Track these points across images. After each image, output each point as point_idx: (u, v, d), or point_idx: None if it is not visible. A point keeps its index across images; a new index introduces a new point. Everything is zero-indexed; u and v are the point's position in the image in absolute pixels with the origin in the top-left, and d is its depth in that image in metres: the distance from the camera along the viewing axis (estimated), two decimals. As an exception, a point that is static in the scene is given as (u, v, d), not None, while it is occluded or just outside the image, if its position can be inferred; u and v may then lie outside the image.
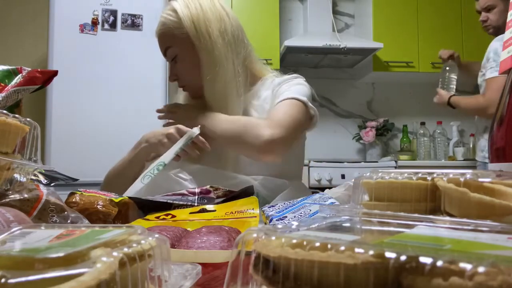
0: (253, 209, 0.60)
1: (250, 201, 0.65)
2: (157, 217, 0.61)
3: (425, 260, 0.18)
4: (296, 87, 1.02)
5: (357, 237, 0.26)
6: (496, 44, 1.90)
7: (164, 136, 0.94)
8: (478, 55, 2.23)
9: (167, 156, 0.88)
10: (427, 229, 0.26)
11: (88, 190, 0.66)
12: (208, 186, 0.74)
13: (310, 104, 0.99)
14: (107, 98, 2.34)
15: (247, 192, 0.72)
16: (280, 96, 0.99)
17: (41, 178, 0.66)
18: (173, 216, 0.61)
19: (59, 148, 2.30)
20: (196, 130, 0.91)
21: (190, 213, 0.63)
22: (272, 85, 1.05)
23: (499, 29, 1.95)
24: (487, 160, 2.02)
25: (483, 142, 2.09)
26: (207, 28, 0.97)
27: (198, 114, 0.99)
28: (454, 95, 2.15)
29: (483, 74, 1.98)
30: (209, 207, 0.65)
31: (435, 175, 0.34)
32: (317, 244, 0.21)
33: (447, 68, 2.24)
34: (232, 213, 0.60)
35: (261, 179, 0.93)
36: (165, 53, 1.03)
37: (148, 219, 0.61)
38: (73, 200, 0.62)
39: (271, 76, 1.09)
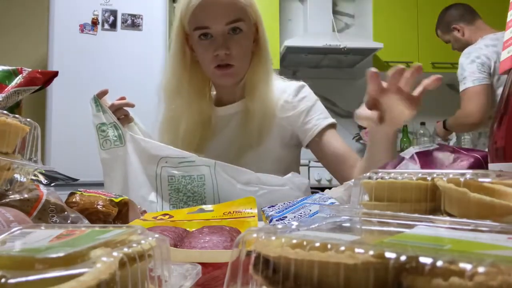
0: (251, 208, 0.60)
1: (248, 201, 0.65)
2: (155, 217, 0.61)
3: (425, 260, 0.18)
4: (317, 106, 1.07)
5: (357, 237, 0.26)
6: (461, 59, 2.07)
7: None
8: (478, 55, 2.25)
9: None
10: (427, 229, 0.26)
11: (88, 190, 0.66)
12: None
13: (334, 120, 1.07)
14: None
15: None
16: (312, 122, 1.04)
17: (41, 178, 0.66)
18: (171, 217, 0.61)
19: (59, 148, 2.30)
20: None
21: (188, 213, 0.63)
22: (280, 93, 1.07)
23: (463, 49, 2.20)
24: None
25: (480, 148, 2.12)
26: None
27: None
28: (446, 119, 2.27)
29: None
30: (206, 207, 0.65)
31: (435, 175, 0.34)
32: (317, 244, 0.21)
33: None
34: (230, 213, 0.60)
35: None
36: (229, 23, 0.95)
37: (145, 219, 0.61)
38: (73, 200, 0.62)
39: (275, 78, 1.11)
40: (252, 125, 1.01)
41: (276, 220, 0.59)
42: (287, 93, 1.07)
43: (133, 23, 2.44)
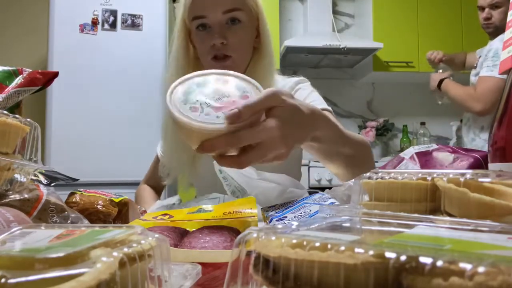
0: (251, 208, 0.60)
1: (248, 200, 0.65)
2: (154, 217, 0.61)
3: (425, 260, 0.18)
4: (312, 96, 1.04)
5: (357, 237, 0.26)
6: (499, 44, 1.85)
7: None
8: (478, 55, 2.23)
9: None
10: (427, 229, 0.26)
11: (88, 190, 0.66)
12: None
13: (329, 108, 1.01)
14: (107, 98, 2.34)
15: None
16: None
17: (41, 178, 0.66)
18: (171, 216, 0.61)
19: (59, 148, 2.30)
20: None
21: (188, 213, 0.63)
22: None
23: (500, 30, 1.95)
24: None
25: (481, 143, 2.07)
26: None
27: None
28: (447, 78, 2.11)
29: (477, 72, 1.95)
30: (206, 207, 0.65)
31: (435, 175, 0.34)
32: (317, 244, 0.21)
33: (440, 71, 2.27)
34: (230, 213, 0.60)
35: None
36: (226, 11, 0.92)
37: (145, 219, 0.61)
38: (73, 200, 0.62)
39: (276, 76, 1.10)
40: None
41: (276, 220, 0.59)
42: (286, 89, 1.07)
43: (133, 23, 2.44)
